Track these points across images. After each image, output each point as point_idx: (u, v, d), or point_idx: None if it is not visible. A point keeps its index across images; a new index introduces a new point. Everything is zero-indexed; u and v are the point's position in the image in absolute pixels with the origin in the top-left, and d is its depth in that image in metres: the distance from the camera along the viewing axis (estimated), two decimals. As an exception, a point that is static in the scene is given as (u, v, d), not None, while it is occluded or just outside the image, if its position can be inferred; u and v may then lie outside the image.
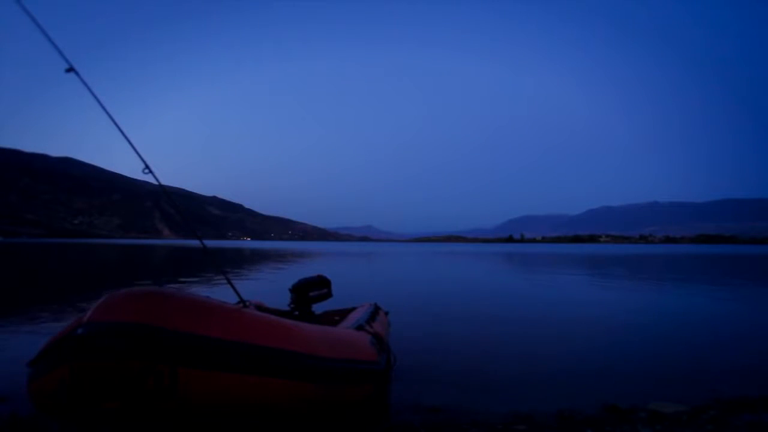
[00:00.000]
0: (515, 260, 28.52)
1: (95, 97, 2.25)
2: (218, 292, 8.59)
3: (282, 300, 4.14)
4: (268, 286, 10.89)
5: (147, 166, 2.24)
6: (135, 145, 2.27)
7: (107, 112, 2.26)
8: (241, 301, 2.21)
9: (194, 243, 71.03)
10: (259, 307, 3.99)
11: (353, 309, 4.12)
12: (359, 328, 3.01)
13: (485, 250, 60.88)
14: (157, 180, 2.33)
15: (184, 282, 11.33)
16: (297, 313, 3.69)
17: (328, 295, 3.89)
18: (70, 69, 2.20)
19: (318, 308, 3.95)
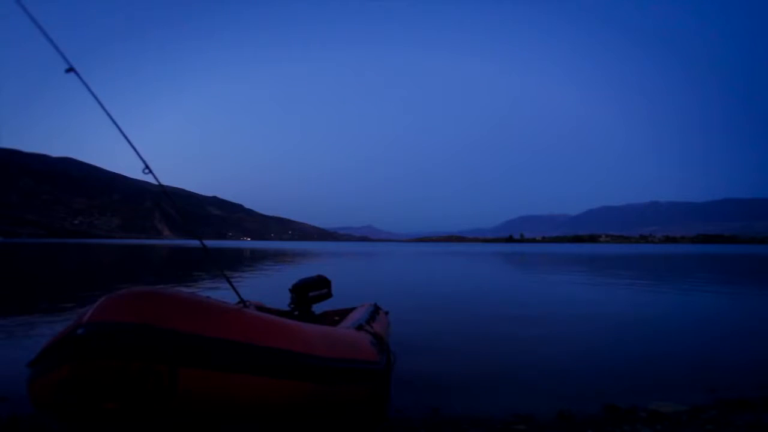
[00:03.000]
0: (515, 260, 28.50)
1: (95, 97, 2.24)
2: (218, 292, 8.59)
3: (282, 300, 4.14)
4: (268, 286, 10.88)
5: (147, 166, 2.23)
6: (135, 145, 2.27)
7: (107, 113, 2.25)
8: (241, 301, 2.21)
9: (194, 243, 71.00)
10: (259, 307, 3.99)
11: (353, 309, 4.11)
12: (359, 328, 3.00)
13: (485, 250, 60.86)
14: (157, 180, 2.32)
15: (184, 282, 11.33)
16: (297, 313, 3.69)
17: (328, 295, 3.89)
18: (71, 69, 2.19)
19: (318, 308, 3.95)
